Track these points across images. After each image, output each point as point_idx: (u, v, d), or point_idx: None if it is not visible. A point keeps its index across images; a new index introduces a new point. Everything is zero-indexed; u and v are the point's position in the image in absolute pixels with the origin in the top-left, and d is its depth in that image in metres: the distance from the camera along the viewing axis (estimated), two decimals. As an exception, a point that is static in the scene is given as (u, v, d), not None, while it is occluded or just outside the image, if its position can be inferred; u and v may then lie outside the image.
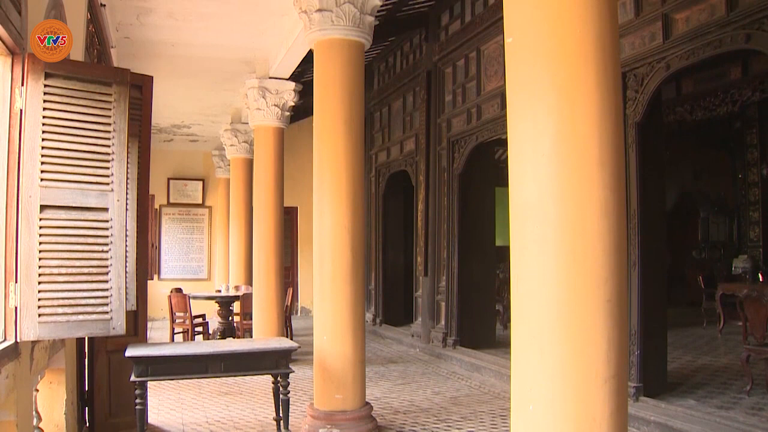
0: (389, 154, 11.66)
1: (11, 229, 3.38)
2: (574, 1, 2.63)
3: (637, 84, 5.77)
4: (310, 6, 5.59)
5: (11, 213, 3.40)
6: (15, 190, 3.42)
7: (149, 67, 8.78)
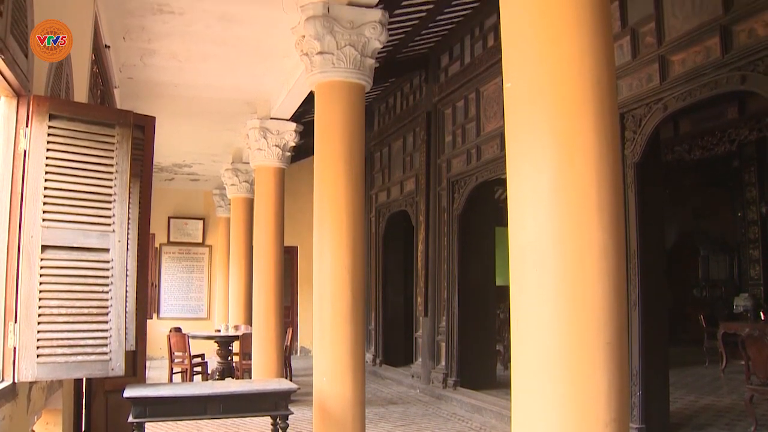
0: (389, 194, 11.70)
1: (12, 269, 3.39)
2: (572, 46, 2.68)
3: (635, 125, 5.82)
4: (312, 49, 5.67)
5: (12, 253, 3.41)
6: (17, 230, 3.44)
7: (152, 106, 8.87)
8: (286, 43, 6.62)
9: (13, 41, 2.92)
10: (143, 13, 6.50)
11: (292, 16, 6.08)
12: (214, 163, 13.05)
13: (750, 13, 4.74)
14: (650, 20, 5.68)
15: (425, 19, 7.84)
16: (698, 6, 5.21)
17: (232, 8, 6.39)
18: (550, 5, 2.72)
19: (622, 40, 5.90)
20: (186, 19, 6.62)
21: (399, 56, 9.21)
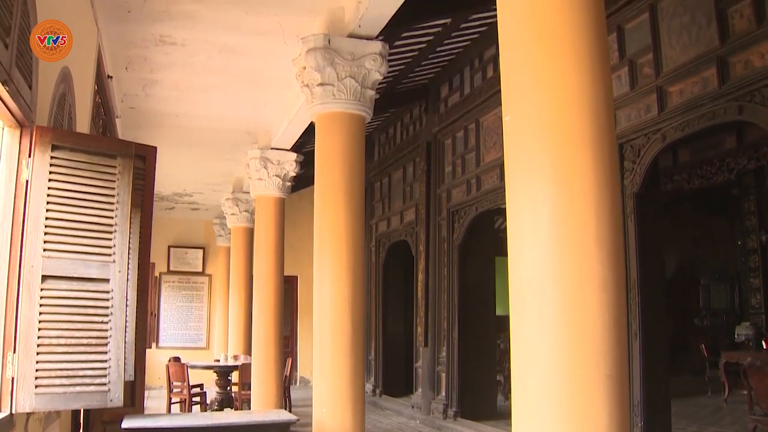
0: (389, 224, 11.71)
1: (12, 298, 3.39)
2: (570, 80, 2.71)
3: (634, 155, 5.85)
4: (312, 80, 5.72)
5: (12, 283, 3.42)
6: (17, 259, 3.44)
7: (153, 136, 8.92)
8: (287, 74, 6.69)
9: (17, 73, 2.96)
10: (146, 44, 6.57)
11: (292, 47, 6.15)
12: (215, 193, 13.09)
13: (746, 44, 4.79)
14: (648, 51, 5.73)
15: (425, 50, 7.92)
16: (695, 37, 5.27)
17: (234, 40, 6.46)
18: (548, 39, 2.76)
19: (620, 71, 5.96)
20: (188, 50, 6.69)
21: (399, 87, 9.28)
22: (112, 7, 5.82)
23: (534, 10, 2.82)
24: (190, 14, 5.96)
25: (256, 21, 6.07)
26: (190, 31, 6.28)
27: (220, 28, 6.23)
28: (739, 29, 4.82)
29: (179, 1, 5.76)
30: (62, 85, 4.16)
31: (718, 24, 4.99)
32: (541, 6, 2.81)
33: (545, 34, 2.77)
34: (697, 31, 5.24)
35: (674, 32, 5.48)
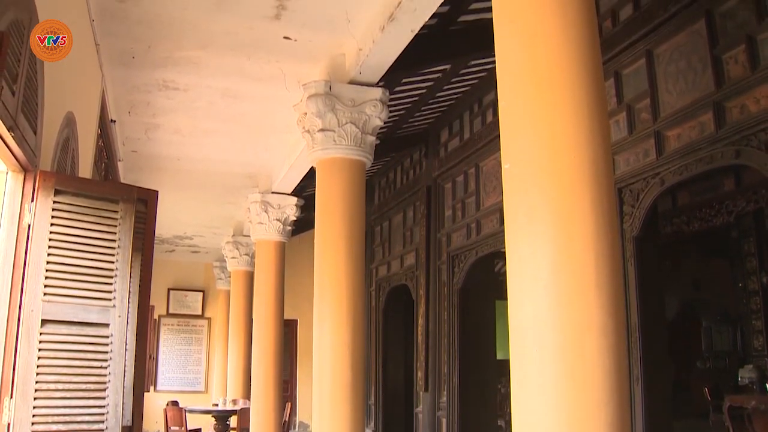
0: (390, 268, 11.69)
1: (11, 343, 3.38)
2: (568, 128, 2.74)
3: (633, 199, 5.87)
4: (313, 126, 5.78)
5: (12, 327, 3.41)
6: (17, 303, 3.44)
7: (154, 179, 8.99)
8: (288, 119, 6.76)
9: (23, 119, 3.00)
10: (149, 89, 6.66)
11: (294, 93, 6.24)
12: (215, 236, 13.10)
13: (741, 89, 4.83)
14: (645, 96, 5.78)
15: (425, 95, 8.01)
16: (691, 83, 5.33)
17: (236, 85, 6.55)
18: (545, 89, 2.81)
19: (618, 116, 6.00)
20: (190, 95, 6.78)
21: (399, 131, 9.36)
22: (116, 53, 5.92)
23: (531, 60, 2.88)
24: (193, 60, 6.06)
25: (257, 67, 6.17)
26: (193, 76, 6.37)
27: (223, 74, 6.33)
28: (734, 75, 4.88)
29: (183, 48, 5.86)
30: (66, 129, 4.21)
31: (713, 69, 5.05)
32: (538, 56, 2.87)
33: (543, 83, 2.82)
34: (693, 77, 5.30)
35: (671, 77, 5.55)
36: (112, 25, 5.46)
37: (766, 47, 4.55)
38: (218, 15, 5.34)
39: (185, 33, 5.62)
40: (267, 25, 5.49)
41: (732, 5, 4.76)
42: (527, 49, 2.93)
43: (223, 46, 5.82)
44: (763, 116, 4.59)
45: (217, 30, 5.57)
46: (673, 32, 5.28)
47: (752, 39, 4.59)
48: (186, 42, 5.77)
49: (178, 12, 5.31)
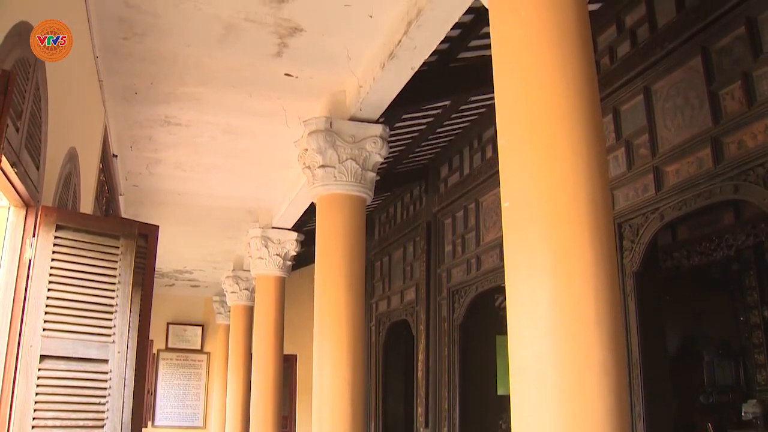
0: (390, 304, 11.65)
1: (8, 378, 3.36)
2: (566, 166, 2.77)
3: (633, 234, 5.87)
4: (314, 162, 5.82)
5: (10, 362, 3.40)
6: (16, 339, 3.43)
7: (155, 213, 9.01)
8: (289, 155, 6.81)
9: (26, 155, 3.03)
10: (151, 124, 6.72)
11: (294, 129, 6.29)
12: (215, 270, 13.08)
13: (738, 125, 4.87)
14: (643, 132, 5.82)
15: (425, 131, 8.06)
16: (689, 118, 5.36)
17: (237, 121, 6.61)
18: (543, 126, 2.84)
19: (617, 151, 6.04)
20: (192, 130, 6.83)
21: (399, 167, 9.41)
22: (120, 89, 5.99)
23: (529, 99, 2.92)
24: (195, 96, 6.12)
25: (259, 103, 6.23)
26: (195, 112, 6.43)
27: (224, 110, 6.39)
28: (731, 110, 4.91)
29: (185, 84, 5.92)
30: (69, 164, 4.24)
31: (710, 105, 5.09)
32: (536, 94, 2.91)
33: (541, 122, 2.86)
34: (690, 113, 5.34)
35: (668, 113, 5.59)
36: (116, 61, 5.53)
37: (761, 83, 4.59)
38: (221, 52, 5.41)
39: (188, 70, 5.69)
40: (268, 62, 5.56)
41: (727, 42, 4.82)
42: (525, 88, 2.97)
43: (225, 82, 5.88)
44: (760, 151, 4.61)
45: (220, 67, 5.64)
46: (670, 69, 5.33)
47: (748, 75, 4.64)
48: (188, 78, 5.83)
49: (181, 49, 5.38)
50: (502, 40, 3.22)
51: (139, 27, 5.08)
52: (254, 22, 5.01)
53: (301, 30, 5.14)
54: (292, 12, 4.92)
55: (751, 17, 4.57)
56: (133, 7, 4.83)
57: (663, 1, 5.34)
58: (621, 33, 5.78)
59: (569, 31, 3.01)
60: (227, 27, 5.08)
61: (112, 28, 5.08)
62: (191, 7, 4.82)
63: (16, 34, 2.71)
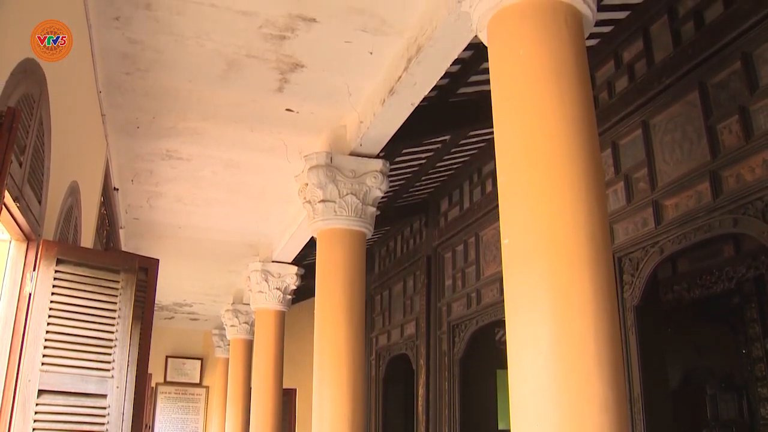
0: (390, 338, 11.59)
1: (5, 413, 3.34)
2: (565, 202, 2.80)
3: (633, 268, 5.87)
4: (314, 197, 5.84)
5: (8, 396, 3.38)
6: (14, 373, 3.42)
7: (155, 246, 9.02)
8: (289, 190, 6.84)
9: (29, 189, 3.05)
10: (153, 158, 6.76)
11: (295, 164, 6.33)
12: (215, 303, 13.05)
13: (736, 159, 4.89)
14: (642, 166, 5.84)
15: (425, 165, 8.09)
16: (687, 152, 5.39)
17: (238, 156, 6.65)
18: (542, 163, 2.88)
19: (616, 185, 6.06)
20: (193, 164, 6.87)
21: (399, 201, 9.43)
22: (122, 123, 6.03)
23: (528, 136, 2.95)
24: (197, 131, 6.17)
25: (260, 138, 6.28)
26: (197, 146, 6.47)
27: (226, 145, 6.43)
28: (729, 144, 4.94)
29: (187, 119, 5.97)
30: (70, 198, 4.26)
31: (708, 139, 5.12)
32: (535, 132, 2.94)
33: (540, 159, 2.89)
34: (689, 147, 5.37)
35: (667, 147, 5.62)
36: (119, 96, 5.59)
37: (758, 117, 4.63)
38: (223, 88, 5.47)
39: (190, 105, 5.75)
40: (270, 97, 5.61)
41: (724, 77, 4.87)
42: (524, 126, 3.01)
43: (226, 117, 5.93)
44: (759, 185, 4.63)
45: (222, 102, 5.70)
46: (668, 103, 5.38)
47: (745, 109, 4.68)
48: (190, 113, 5.88)
49: (183, 84, 5.44)
50: (501, 78, 3.26)
51: (143, 62, 5.14)
52: (256, 58, 5.07)
53: (302, 66, 5.21)
54: (293, 48, 4.98)
55: (746, 52, 4.63)
56: (137, 43, 4.89)
57: (660, 37, 5.40)
58: (619, 68, 5.84)
59: (567, 69, 3.05)
60: (229, 63, 5.14)
61: (115, 64, 5.14)
62: (194, 43, 4.89)
63: (21, 71, 2.75)
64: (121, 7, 4.49)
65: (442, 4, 4.25)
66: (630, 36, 5.69)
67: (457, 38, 4.37)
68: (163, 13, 4.55)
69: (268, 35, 4.81)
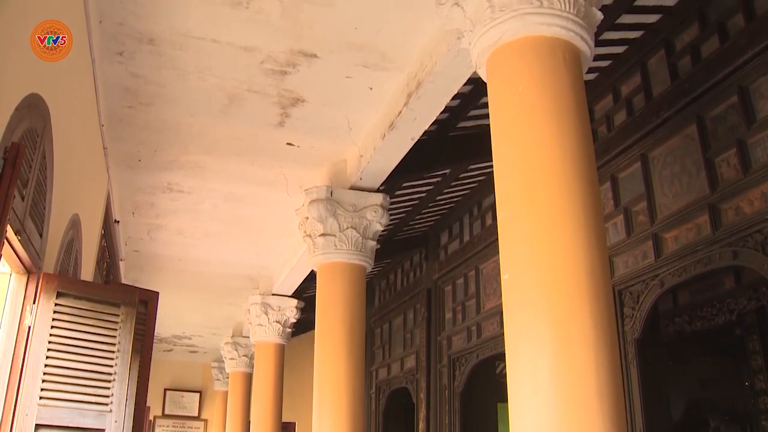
0: (390, 371, 11.51)
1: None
2: (564, 238, 2.82)
3: (634, 301, 5.85)
4: (315, 231, 5.85)
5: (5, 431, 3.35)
6: (12, 407, 3.40)
7: (155, 279, 9.01)
8: (290, 223, 6.85)
9: (30, 222, 3.06)
10: (154, 191, 6.79)
11: (295, 197, 6.36)
12: (214, 336, 12.99)
13: (735, 192, 4.90)
14: (642, 199, 5.85)
15: (425, 199, 8.11)
16: (686, 185, 5.41)
17: (239, 189, 6.68)
18: (541, 199, 2.90)
19: (615, 218, 6.07)
20: (194, 197, 6.89)
21: (399, 234, 9.44)
22: (123, 156, 6.07)
23: (527, 172, 2.98)
24: (198, 164, 6.20)
25: (261, 172, 6.31)
26: (197, 179, 6.50)
27: (227, 178, 6.46)
28: (728, 177, 4.96)
29: (188, 152, 6.01)
30: (71, 231, 4.27)
31: (707, 172, 5.14)
32: (534, 167, 2.97)
33: (539, 194, 2.92)
34: (687, 180, 5.39)
35: (666, 180, 5.64)
36: (121, 129, 5.63)
37: (756, 150, 4.65)
38: (224, 122, 5.51)
39: (191, 138, 5.78)
40: (271, 131, 5.66)
41: (721, 110, 4.90)
42: (523, 162, 3.03)
43: (227, 151, 5.97)
44: (757, 218, 4.64)
45: (223, 136, 5.74)
46: (666, 136, 5.41)
47: (743, 143, 4.71)
48: (192, 147, 5.92)
49: (185, 118, 5.48)
50: (500, 114, 3.30)
51: (145, 97, 5.19)
52: (257, 92, 5.12)
53: (303, 101, 5.25)
54: (294, 83, 5.03)
55: (743, 86, 4.67)
56: (140, 78, 4.94)
57: (657, 71, 5.45)
58: (617, 102, 5.88)
59: (566, 104, 3.08)
60: (231, 97, 5.19)
61: (118, 98, 5.19)
62: (196, 78, 4.94)
63: (26, 105, 2.77)
64: (125, 42, 4.55)
65: (442, 40, 4.30)
66: (628, 70, 5.74)
67: (456, 74, 4.42)
68: (166, 48, 4.60)
69: (270, 70, 4.86)
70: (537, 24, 3.20)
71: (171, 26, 4.40)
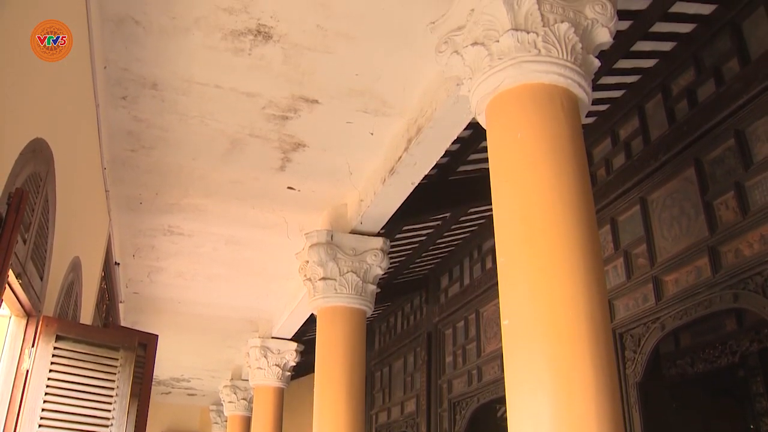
0: (390, 415, 11.39)
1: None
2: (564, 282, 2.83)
3: (635, 344, 5.83)
4: (315, 274, 5.86)
5: (-1, 479, 3.31)
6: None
7: (154, 321, 8.98)
8: (290, 267, 6.86)
9: (31, 266, 3.06)
10: (154, 233, 6.81)
11: (296, 241, 6.37)
12: (213, 379, 12.88)
13: (734, 234, 4.91)
14: (641, 242, 5.86)
15: (425, 242, 8.12)
16: (685, 228, 5.42)
17: (239, 233, 6.70)
18: (541, 244, 2.92)
19: (615, 261, 6.06)
20: (195, 240, 6.91)
21: (400, 277, 9.42)
22: (125, 199, 6.11)
23: (526, 217, 3.00)
24: (199, 207, 6.23)
25: (261, 215, 6.34)
26: (198, 223, 6.53)
27: (227, 221, 6.49)
28: (726, 220, 4.97)
29: (189, 195, 6.04)
30: (72, 274, 4.27)
31: (706, 215, 5.15)
32: (533, 213, 2.99)
33: (538, 240, 2.94)
34: (687, 222, 5.40)
35: (665, 223, 5.65)
36: (123, 172, 5.67)
37: (754, 193, 4.67)
38: (226, 165, 5.55)
39: (193, 182, 5.82)
40: (272, 175, 5.70)
41: (719, 153, 4.93)
42: (522, 208, 3.05)
43: (228, 194, 6.00)
44: (757, 260, 4.64)
45: (224, 179, 5.77)
46: (665, 179, 5.43)
47: (740, 185, 4.74)
48: (193, 190, 5.95)
49: (187, 162, 5.53)
50: (500, 161, 3.33)
51: (147, 140, 5.24)
52: (259, 137, 5.17)
53: (304, 146, 5.30)
54: (295, 128, 5.08)
55: (739, 129, 4.71)
56: (143, 122, 5.00)
57: (655, 115, 5.51)
58: (616, 145, 5.93)
59: (564, 150, 3.11)
60: (233, 141, 5.24)
61: (121, 141, 5.24)
62: (198, 122, 4.99)
63: (30, 150, 2.80)
64: (129, 87, 4.61)
65: (442, 86, 4.36)
66: (626, 114, 5.80)
67: (456, 119, 4.46)
68: (169, 93, 4.66)
69: (271, 116, 4.92)
70: (535, 72, 3.25)
71: (174, 72, 4.46)
